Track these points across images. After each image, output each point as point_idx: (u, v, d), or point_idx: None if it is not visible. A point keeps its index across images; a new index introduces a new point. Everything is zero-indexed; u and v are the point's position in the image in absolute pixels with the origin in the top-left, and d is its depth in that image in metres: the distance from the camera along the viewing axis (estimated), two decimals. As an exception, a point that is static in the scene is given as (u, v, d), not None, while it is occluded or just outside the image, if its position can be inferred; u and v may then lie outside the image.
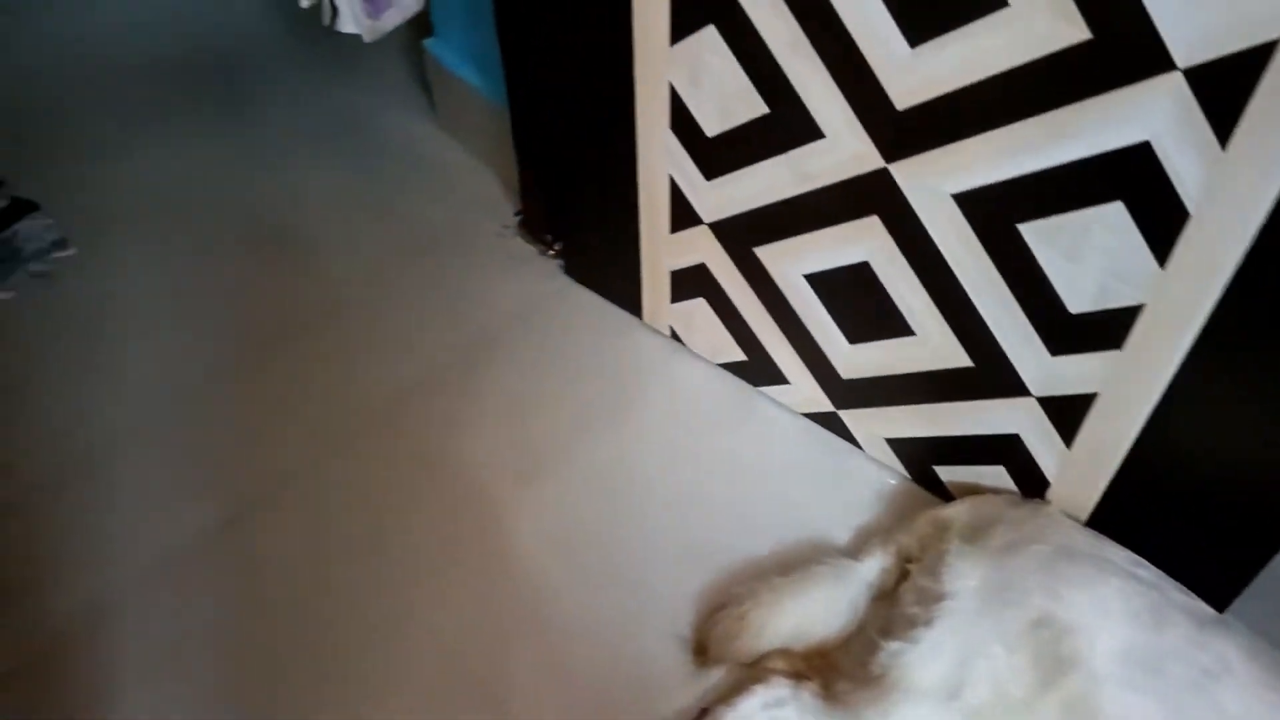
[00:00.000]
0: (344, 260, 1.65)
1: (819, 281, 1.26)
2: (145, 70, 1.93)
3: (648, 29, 1.17)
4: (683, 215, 1.34)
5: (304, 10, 1.36)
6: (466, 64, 1.67)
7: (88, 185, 1.73)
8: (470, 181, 1.75)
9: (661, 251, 1.42)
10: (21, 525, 1.34)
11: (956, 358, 1.19)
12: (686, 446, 1.42)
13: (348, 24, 1.37)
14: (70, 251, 1.63)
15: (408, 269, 1.64)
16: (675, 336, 1.53)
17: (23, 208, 1.67)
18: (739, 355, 1.45)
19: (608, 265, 1.54)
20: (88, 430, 1.43)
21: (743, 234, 1.29)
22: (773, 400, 1.46)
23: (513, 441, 1.43)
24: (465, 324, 1.56)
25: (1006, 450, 1.23)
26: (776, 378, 1.42)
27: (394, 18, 1.41)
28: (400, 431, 1.44)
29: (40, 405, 1.46)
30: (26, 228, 1.65)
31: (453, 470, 1.39)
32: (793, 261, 1.27)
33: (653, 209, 1.37)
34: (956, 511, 1.22)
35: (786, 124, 1.13)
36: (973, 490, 1.29)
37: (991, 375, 1.17)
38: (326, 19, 1.37)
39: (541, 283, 1.62)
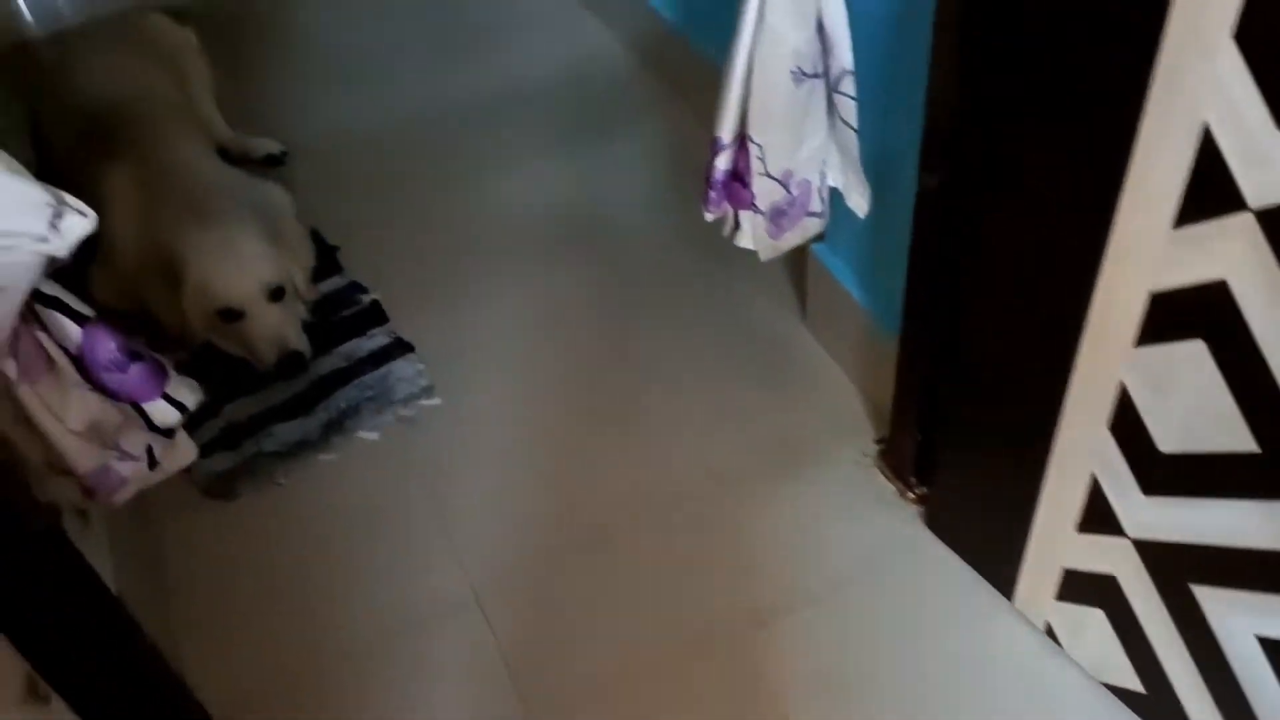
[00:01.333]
0: (687, 453, 1.58)
1: (1278, 650, 1.00)
2: (527, 224, 1.98)
3: (1109, 321, 1.00)
4: (1099, 518, 1.13)
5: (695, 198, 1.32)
6: (851, 275, 1.56)
7: (457, 332, 1.78)
8: (831, 393, 1.63)
9: (1060, 545, 1.21)
10: (334, 685, 1.35)
11: None
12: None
13: (746, 240, 1.31)
14: (436, 401, 1.67)
15: (751, 476, 1.53)
16: (1051, 634, 1.30)
17: (401, 347, 1.75)
18: (1134, 685, 1.20)
19: (981, 532, 1.35)
20: (416, 591, 1.44)
21: (1179, 565, 1.06)
22: (1170, 750, 1.19)
23: (831, 710, 1.27)
24: (801, 556, 1.43)
25: None
26: (1181, 726, 1.16)
27: (794, 239, 1.33)
28: (708, 664, 1.33)
29: (381, 551, 1.49)
30: (400, 368, 1.71)
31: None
32: (1245, 617, 1.02)
33: (1060, 498, 1.17)
34: None
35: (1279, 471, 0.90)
36: None
37: None
38: (727, 231, 1.33)
39: (895, 528, 1.45)
